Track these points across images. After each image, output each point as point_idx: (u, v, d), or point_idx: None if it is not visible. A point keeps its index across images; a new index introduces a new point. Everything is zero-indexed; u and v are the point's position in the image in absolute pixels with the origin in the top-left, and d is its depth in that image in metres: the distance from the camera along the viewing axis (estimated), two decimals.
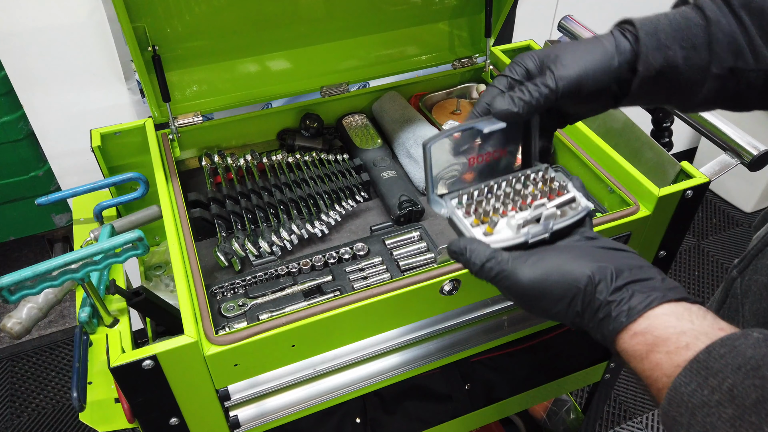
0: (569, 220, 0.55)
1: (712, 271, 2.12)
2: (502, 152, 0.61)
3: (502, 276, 0.52)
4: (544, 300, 0.51)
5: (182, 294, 0.71)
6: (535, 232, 0.54)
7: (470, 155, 0.59)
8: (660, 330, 0.46)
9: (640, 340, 0.47)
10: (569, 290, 0.50)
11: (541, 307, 0.52)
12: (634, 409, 1.73)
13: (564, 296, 0.50)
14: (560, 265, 0.51)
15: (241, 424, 0.77)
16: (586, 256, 0.51)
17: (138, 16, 0.87)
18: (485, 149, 0.59)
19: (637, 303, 0.47)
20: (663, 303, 0.47)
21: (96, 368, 0.73)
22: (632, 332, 0.47)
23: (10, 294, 0.63)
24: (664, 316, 0.47)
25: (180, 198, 0.86)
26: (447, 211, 0.58)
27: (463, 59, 1.17)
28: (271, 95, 1.07)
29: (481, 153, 0.59)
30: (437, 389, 0.99)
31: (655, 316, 0.47)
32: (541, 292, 0.50)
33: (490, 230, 0.56)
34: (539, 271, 0.51)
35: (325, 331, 0.72)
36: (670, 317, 0.46)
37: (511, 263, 0.52)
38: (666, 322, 0.46)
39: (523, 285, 0.51)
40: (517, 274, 0.51)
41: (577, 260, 0.51)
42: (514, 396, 1.06)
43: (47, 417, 1.71)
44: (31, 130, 1.46)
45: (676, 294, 0.48)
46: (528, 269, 0.51)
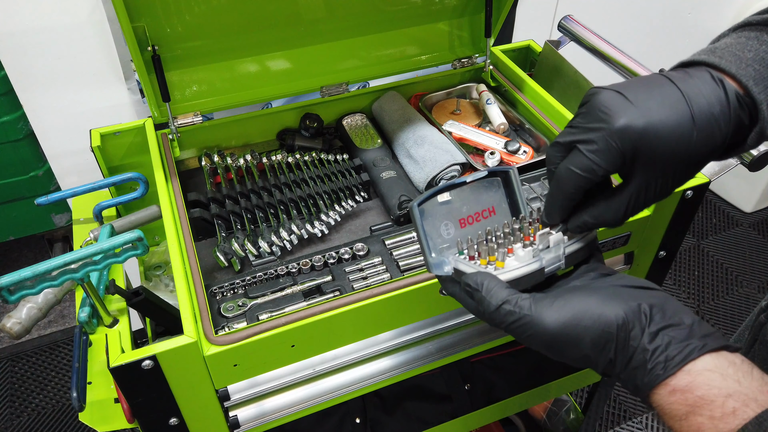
0: (580, 243, 0.53)
1: (712, 271, 2.12)
2: (491, 211, 0.58)
3: (523, 322, 0.46)
4: (574, 348, 0.46)
5: (182, 294, 0.70)
6: (550, 258, 0.51)
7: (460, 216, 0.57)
8: (703, 389, 0.41)
9: (680, 399, 0.42)
10: (602, 336, 0.44)
11: (569, 355, 0.46)
12: (634, 409, 1.73)
13: (597, 343, 0.45)
14: (590, 308, 0.45)
15: (241, 424, 0.77)
16: (616, 297, 0.46)
17: (138, 16, 0.87)
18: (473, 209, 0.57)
19: (675, 353, 0.43)
20: (703, 354, 0.43)
21: (96, 368, 0.73)
22: (671, 388, 0.43)
23: (9, 294, 0.63)
24: (708, 372, 0.42)
25: (180, 198, 0.86)
26: (449, 268, 0.53)
27: (463, 59, 1.17)
28: (271, 95, 1.07)
29: (470, 214, 0.57)
30: (437, 389, 0.99)
31: (698, 372, 0.42)
32: (572, 338, 0.45)
33: (501, 264, 0.52)
34: (568, 314, 0.45)
35: (324, 331, 0.72)
36: (713, 374, 0.42)
37: (535, 308, 0.46)
38: (710, 380, 0.41)
39: (550, 331, 0.45)
40: (543, 320, 0.45)
41: (607, 302, 0.46)
42: (514, 396, 1.06)
43: (47, 417, 1.71)
44: (31, 130, 1.46)
45: (715, 342, 0.43)
46: (555, 313, 0.46)
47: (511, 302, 0.47)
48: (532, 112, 1.07)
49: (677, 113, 0.45)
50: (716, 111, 0.46)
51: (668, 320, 0.45)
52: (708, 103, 0.46)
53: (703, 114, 0.45)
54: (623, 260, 0.92)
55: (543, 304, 0.46)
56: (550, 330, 0.45)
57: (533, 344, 0.47)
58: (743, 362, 0.43)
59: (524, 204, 0.59)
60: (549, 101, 1.03)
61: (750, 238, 2.24)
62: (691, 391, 0.41)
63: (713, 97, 0.46)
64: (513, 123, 1.11)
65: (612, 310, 0.45)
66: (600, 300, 0.46)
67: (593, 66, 1.15)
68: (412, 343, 0.83)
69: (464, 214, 0.56)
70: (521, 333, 0.47)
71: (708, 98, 0.46)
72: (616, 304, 0.45)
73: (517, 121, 1.09)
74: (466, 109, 1.15)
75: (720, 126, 0.46)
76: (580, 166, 0.48)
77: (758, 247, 2.20)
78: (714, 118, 0.46)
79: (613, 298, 0.46)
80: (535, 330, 0.46)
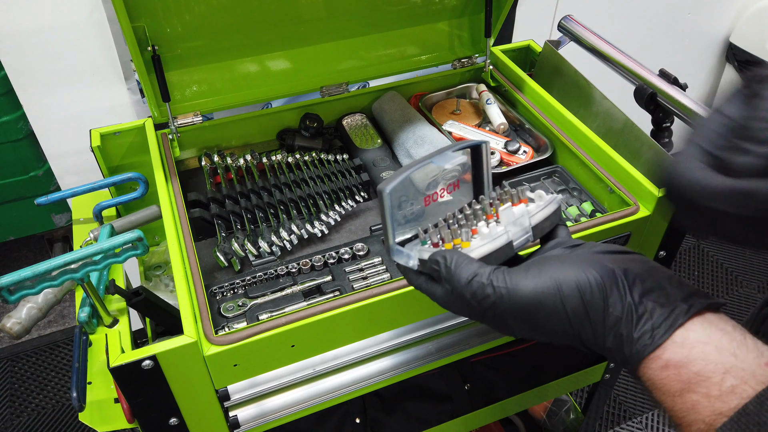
0: (545, 211, 0.51)
1: (712, 271, 2.12)
2: (455, 186, 0.55)
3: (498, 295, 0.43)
4: (553, 319, 0.43)
5: (182, 294, 0.70)
6: (516, 231, 0.49)
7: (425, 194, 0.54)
8: (699, 365, 0.39)
9: (673, 374, 0.39)
10: (582, 304, 0.42)
11: (547, 328, 0.43)
12: (633, 409, 1.73)
13: (577, 312, 0.42)
14: (567, 275, 0.43)
15: (241, 424, 0.77)
16: (593, 264, 0.43)
17: (138, 16, 0.86)
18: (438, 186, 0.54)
19: (661, 320, 0.40)
20: (689, 319, 0.40)
21: (96, 368, 0.73)
22: (663, 362, 0.40)
23: (9, 294, 0.63)
24: (702, 344, 0.39)
25: (180, 198, 0.86)
26: (414, 262, 0.50)
27: (463, 59, 1.17)
28: (271, 95, 1.07)
29: (435, 190, 0.54)
30: (437, 389, 0.99)
31: (691, 345, 0.39)
32: (550, 308, 0.42)
33: (467, 245, 0.50)
34: (545, 282, 0.42)
35: (324, 331, 0.72)
36: (708, 347, 0.39)
37: (509, 278, 0.43)
38: (705, 354, 0.39)
39: (526, 301, 0.42)
40: (518, 289, 0.43)
41: (585, 268, 0.43)
42: (514, 396, 1.06)
43: (47, 417, 1.71)
44: (31, 130, 1.46)
45: (699, 303, 0.41)
46: (530, 282, 0.43)
47: (483, 274, 0.44)
48: (532, 112, 1.07)
49: None
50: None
51: (649, 283, 0.42)
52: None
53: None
54: None
55: (517, 274, 0.44)
56: (527, 299, 0.42)
57: (508, 319, 0.44)
58: (735, 329, 0.40)
59: (489, 181, 0.56)
60: (549, 101, 1.03)
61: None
62: (686, 366, 0.39)
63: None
64: (513, 123, 1.11)
65: (591, 274, 0.42)
66: (576, 267, 0.43)
67: (593, 66, 1.15)
68: (412, 343, 0.83)
69: (429, 191, 0.54)
70: (496, 308, 0.44)
71: None
72: (594, 269, 0.43)
73: (517, 121, 1.09)
74: (466, 109, 1.15)
75: None
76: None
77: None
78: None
79: (590, 265, 0.43)
80: (511, 302, 0.43)
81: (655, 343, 0.40)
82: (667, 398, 0.40)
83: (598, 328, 0.42)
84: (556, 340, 0.45)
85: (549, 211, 0.52)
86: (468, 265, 0.45)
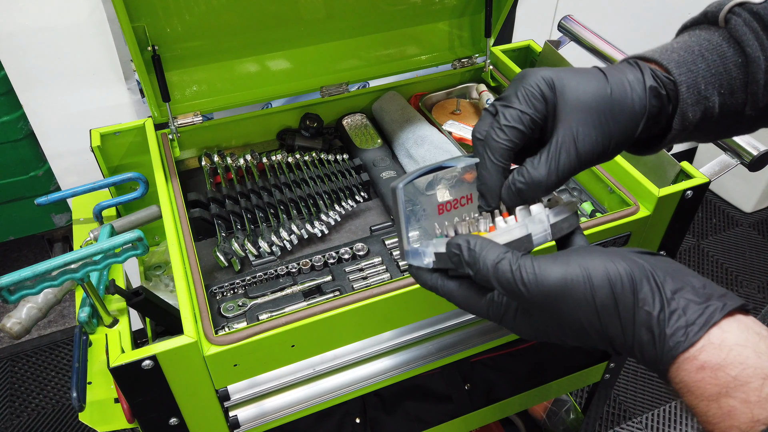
0: (562, 211, 0.50)
1: (712, 271, 2.12)
2: (469, 199, 0.54)
3: (526, 280, 0.41)
4: (581, 311, 0.41)
5: (182, 294, 0.70)
6: (535, 227, 0.48)
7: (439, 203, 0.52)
8: (737, 368, 0.37)
9: (710, 377, 0.37)
10: (612, 296, 0.40)
11: (573, 322, 0.41)
12: (633, 409, 1.73)
13: (606, 305, 0.40)
14: (597, 265, 0.41)
15: (241, 424, 0.77)
16: (622, 257, 0.41)
17: (138, 16, 0.87)
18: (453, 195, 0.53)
19: (695, 317, 0.38)
20: (724, 317, 0.38)
21: (96, 368, 0.73)
22: (699, 364, 0.38)
23: (9, 294, 0.63)
24: (740, 347, 0.37)
25: (180, 198, 0.86)
26: (429, 260, 0.49)
27: (463, 59, 1.17)
28: (271, 95, 1.07)
29: (449, 200, 0.53)
30: (437, 389, 0.99)
31: (729, 348, 0.37)
32: (579, 298, 0.40)
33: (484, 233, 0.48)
34: (575, 270, 0.41)
35: (324, 331, 0.72)
36: (746, 350, 0.37)
37: (536, 263, 0.41)
38: (744, 358, 0.37)
39: (555, 289, 0.41)
40: (547, 275, 0.41)
41: (616, 261, 0.41)
42: (514, 396, 1.06)
43: (47, 417, 1.71)
44: (31, 130, 1.46)
45: (733, 302, 0.39)
46: (559, 268, 0.41)
47: (510, 258, 0.42)
48: None
49: (591, 72, 0.49)
50: (630, 78, 0.48)
51: (679, 282, 0.40)
52: (620, 73, 0.48)
53: (616, 77, 0.48)
54: None
55: (545, 261, 0.42)
56: (555, 287, 0.40)
57: (533, 310, 0.43)
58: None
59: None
60: None
61: (750, 238, 2.24)
62: (724, 369, 0.37)
63: (627, 72, 0.48)
64: None
65: (622, 267, 0.40)
66: (607, 258, 0.41)
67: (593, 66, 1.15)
68: (412, 343, 0.83)
69: (443, 200, 0.53)
70: (521, 297, 0.42)
71: (622, 71, 0.49)
72: (624, 263, 0.41)
73: None
74: (466, 109, 1.15)
75: (635, 89, 0.47)
76: (506, 117, 0.47)
77: (758, 247, 2.20)
78: (628, 81, 0.47)
79: (621, 258, 0.41)
80: (538, 289, 0.41)
81: (690, 341, 0.38)
82: (700, 402, 0.38)
83: (628, 324, 0.40)
84: (581, 337, 0.42)
85: (567, 212, 0.50)
86: (494, 248, 0.43)
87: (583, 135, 0.47)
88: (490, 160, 0.49)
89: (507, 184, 0.49)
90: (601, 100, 0.47)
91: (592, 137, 0.47)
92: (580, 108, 0.47)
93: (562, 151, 0.47)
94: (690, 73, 0.48)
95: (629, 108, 0.47)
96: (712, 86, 0.48)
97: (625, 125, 0.47)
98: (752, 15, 0.48)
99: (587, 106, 0.47)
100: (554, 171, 0.47)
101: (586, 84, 0.47)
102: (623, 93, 0.47)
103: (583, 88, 0.47)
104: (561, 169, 0.47)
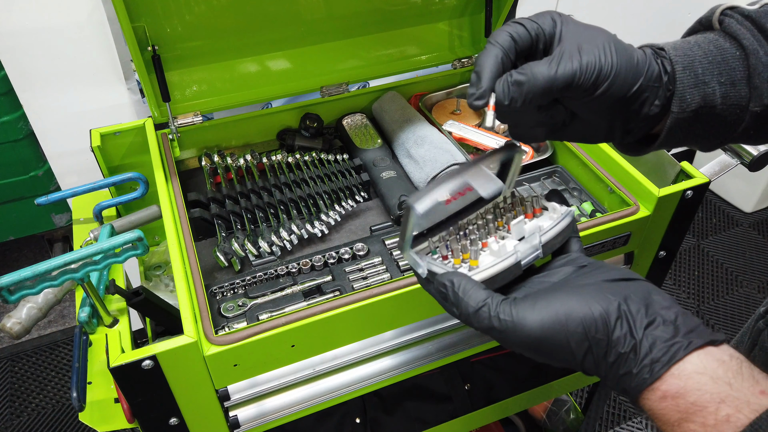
0: (557, 228, 0.51)
1: (712, 271, 2.12)
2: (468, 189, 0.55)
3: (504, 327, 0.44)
4: (558, 352, 0.44)
5: (182, 294, 0.70)
6: (526, 250, 0.49)
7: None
8: (695, 395, 0.40)
9: (671, 405, 0.41)
10: (586, 340, 0.43)
11: (552, 358, 0.45)
12: (633, 409, 1.73)
13: (581, 346, 0.43)
14: (573, 310, 0.44)
15: (241, 424, 0.77)
16: (598, 296, 0.44)
17: (138, 16, 0.87)
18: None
19: (660, 355, 0.41)
20: (689, 354, 0.41)
21: (96, 368, 0.73)
22: (661, 394, 0.41)
23: (9, 294, 0.63)
24: (698, 375, 0.40)
25: (180, 198, 0.86)
26: (423, 270, 0.51)
27: (463, 59, 1.17)
28: (271, 95, 1.07)
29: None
30: (437, 389, 0.99)
31: (688, 376, 0.40)
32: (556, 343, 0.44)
33: (475, 263, 0.50)
34: (551, 317, 0.44)
35: (324, 331, 0.72)
36: (704, 377, 0.40)
37: (515, 311, 0.44)
38: (701, 384, 0.40)
39: (533, 336, 0.44)
40: (525, 324, 0.44)
41: (590, 302, 0.44)
42: (514, 396, 1.06)
43: (47, 417, 1.71)
44: (31, 130, 1.46)
45: (700, 338, 0.42)
46: (537, 316, 0.44)
47: (491, 306, 0.45)
48: None
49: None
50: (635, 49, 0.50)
51: (651, 316, 0.43)
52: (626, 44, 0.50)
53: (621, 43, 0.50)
54: (623, 260, 0.92)
55: (524, 307, 0.44)
56: (533, 334, 0.44)
57: (515, 348, 0.46)
58: (731, 358, 0.41)
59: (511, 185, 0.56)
60: None
61: (750, 238, 2.24)
62: (683, 396, 0.40)
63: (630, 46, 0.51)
64: None
65: (596, 310, 0.43)
66: (582, 300, 0.44)
67: None
68: (412, 343, 0.83)
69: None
70: (503, 339, 0.45)
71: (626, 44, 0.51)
72: (598, 304, 0.44)
73: None
74: (466, 109, 1.15)
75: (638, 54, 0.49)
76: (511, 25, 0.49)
77: (758, 247, 2.20)
78: (631, 47, 0.49)
79: (595, 298, 0.44)
80: (517, 335, 0.44)
81: (654, 377, 0.41)
82: (667, 427, 0.41)
83: (601, 363, 0.43)
84: (560, 366, 0.46)
85: (561, 227, 0.51)
86: (475, 293, 0.46)
87: (587, 48, 0.47)
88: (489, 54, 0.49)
89: (504, 77, 0.49)
90: (605, 36, 0.49)
91: (595, 54, 0.47)
92: (586, 34, 0.48)
93: (564, 55, 0.47)
94: (686, 57, 0.49)
95: (630, 54, 0.48)
96: (710, 73, 0.49)
97: (628, 67, 0.48)
98: (744, 17, 0.49)
99: (592, 36, 0.48)
100: (555, 69, 0.47)
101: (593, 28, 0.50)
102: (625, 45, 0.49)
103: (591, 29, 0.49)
104: (561, 70, 0.47)
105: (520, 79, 0.47)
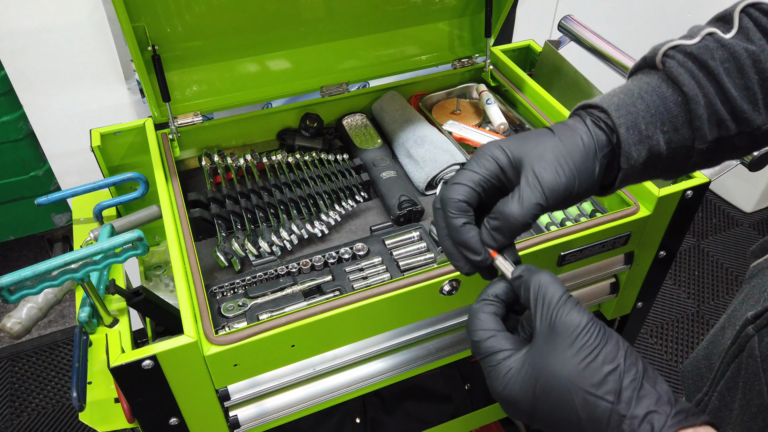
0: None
1: (712, 271, 2.12)
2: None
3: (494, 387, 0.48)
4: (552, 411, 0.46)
5: (182, 294, 0.71)
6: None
7: None
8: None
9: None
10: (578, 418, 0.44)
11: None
12: None
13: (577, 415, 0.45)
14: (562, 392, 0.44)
15: (241, 424, 0.77)
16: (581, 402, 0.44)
17: (138, 15, 0.87)
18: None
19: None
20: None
21: (96, 368, 0.73)
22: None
23: (9, 294, 0.63)
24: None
25: (180, 198, 0.86)
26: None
27: (463, 59, 1.17)
28: (271, 95, 1.07)
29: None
30: (437, 389, 0.99)
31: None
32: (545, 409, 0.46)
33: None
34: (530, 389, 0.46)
35: (324, 331, 0.72)
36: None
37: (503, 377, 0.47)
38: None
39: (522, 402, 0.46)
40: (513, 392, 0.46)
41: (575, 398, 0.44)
42: None
43: (47, 417, 1.71)
44: (31, 130, 1.47)
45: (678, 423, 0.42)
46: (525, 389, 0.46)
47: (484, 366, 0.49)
48: (532, 112, 1.07)
49: (539, 132, 0.54)
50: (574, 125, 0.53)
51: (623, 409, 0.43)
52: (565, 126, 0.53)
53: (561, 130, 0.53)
54: (623, 260, 0.92)
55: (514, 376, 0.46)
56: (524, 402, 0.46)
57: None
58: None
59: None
60: (549, 101, 1.03)
61: (750, 238, 2.24)
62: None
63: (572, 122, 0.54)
64: (513, 123, 1.11)
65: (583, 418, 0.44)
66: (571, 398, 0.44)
67: (593, 66, 1.15)
68: (412, 343, 0.83)
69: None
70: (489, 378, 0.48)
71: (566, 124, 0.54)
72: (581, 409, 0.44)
73: (517, 121, 1.09)
74: (466, 109, 1.15)
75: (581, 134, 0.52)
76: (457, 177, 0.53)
77: None
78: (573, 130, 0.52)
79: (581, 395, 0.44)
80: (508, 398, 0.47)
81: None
82: None
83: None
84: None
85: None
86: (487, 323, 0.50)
87: (545, 173, 0.50)
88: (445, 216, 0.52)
89: (482, 227, 0.52)
90: (554, 148, 0.51)
91: (554, 174, 0.50)
92: (538, 158, 0.51)
93: (526, 188, 0.50)
94: (629, 115, 0.51)
95: (580, 150, 0.51)
96: (653, 126, 0.51)
97: (583, 164, 0.51)
98: (686, 56, 0.51)
99: (542, 155, 0.51)
100: (523, 204, 0.50)
101: (535, 141, 0.52)
102: (572, 140, 0.52)
103: (535, 143, 0.52)
104: (527, 203, 0.50)
105: (496, 224, 0.51)
